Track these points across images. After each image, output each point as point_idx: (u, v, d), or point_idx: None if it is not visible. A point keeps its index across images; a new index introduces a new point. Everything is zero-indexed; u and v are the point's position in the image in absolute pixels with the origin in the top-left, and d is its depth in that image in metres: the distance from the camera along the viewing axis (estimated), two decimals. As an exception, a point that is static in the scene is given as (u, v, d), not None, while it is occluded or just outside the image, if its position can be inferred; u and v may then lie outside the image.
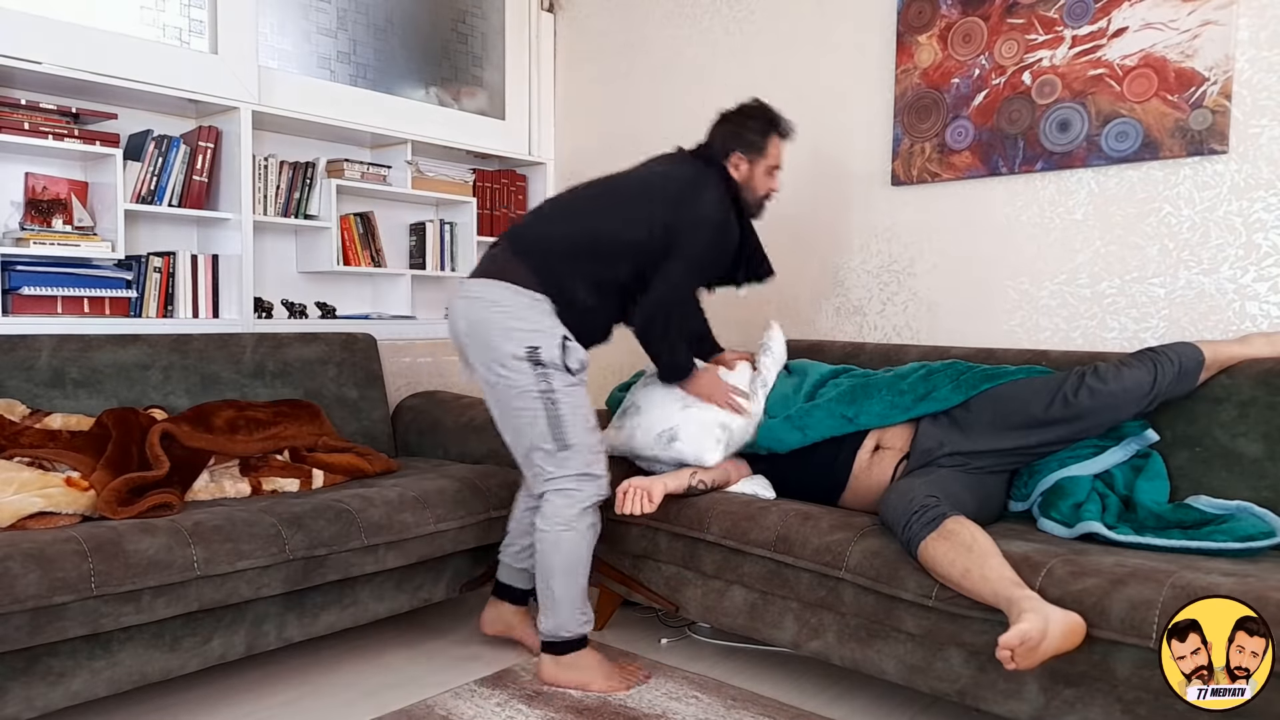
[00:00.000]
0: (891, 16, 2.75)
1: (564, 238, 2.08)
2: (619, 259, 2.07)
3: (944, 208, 2.68)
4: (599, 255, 2.06)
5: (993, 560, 1.62)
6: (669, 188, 2.13)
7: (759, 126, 2.23)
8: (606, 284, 2.08)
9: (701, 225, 2.10)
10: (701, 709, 1.96)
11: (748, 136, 2.22)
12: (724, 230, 2.15)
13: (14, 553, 1.57)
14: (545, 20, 3.77)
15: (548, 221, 2.13)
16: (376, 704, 2.00)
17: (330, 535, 1.99)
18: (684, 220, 2.08)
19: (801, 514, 2.01)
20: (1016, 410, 2.01)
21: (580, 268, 2.05)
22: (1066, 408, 1.95)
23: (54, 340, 2.28)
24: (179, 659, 1.82)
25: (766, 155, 2.24)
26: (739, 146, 2.22)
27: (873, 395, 2.18)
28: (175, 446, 2.11)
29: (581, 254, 2.06)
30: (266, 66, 2.94)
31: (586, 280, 2.05)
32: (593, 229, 2.08)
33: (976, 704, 1.72)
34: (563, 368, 1.98)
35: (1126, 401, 1.94)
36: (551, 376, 1.97)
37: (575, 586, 2.02)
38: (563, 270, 2.04)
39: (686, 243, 2.08)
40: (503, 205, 3.72)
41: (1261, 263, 2.16)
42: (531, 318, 1.99)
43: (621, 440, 2.31)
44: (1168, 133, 2.25)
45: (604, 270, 2.07)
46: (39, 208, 2.50)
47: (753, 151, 2.22)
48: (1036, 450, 2.02)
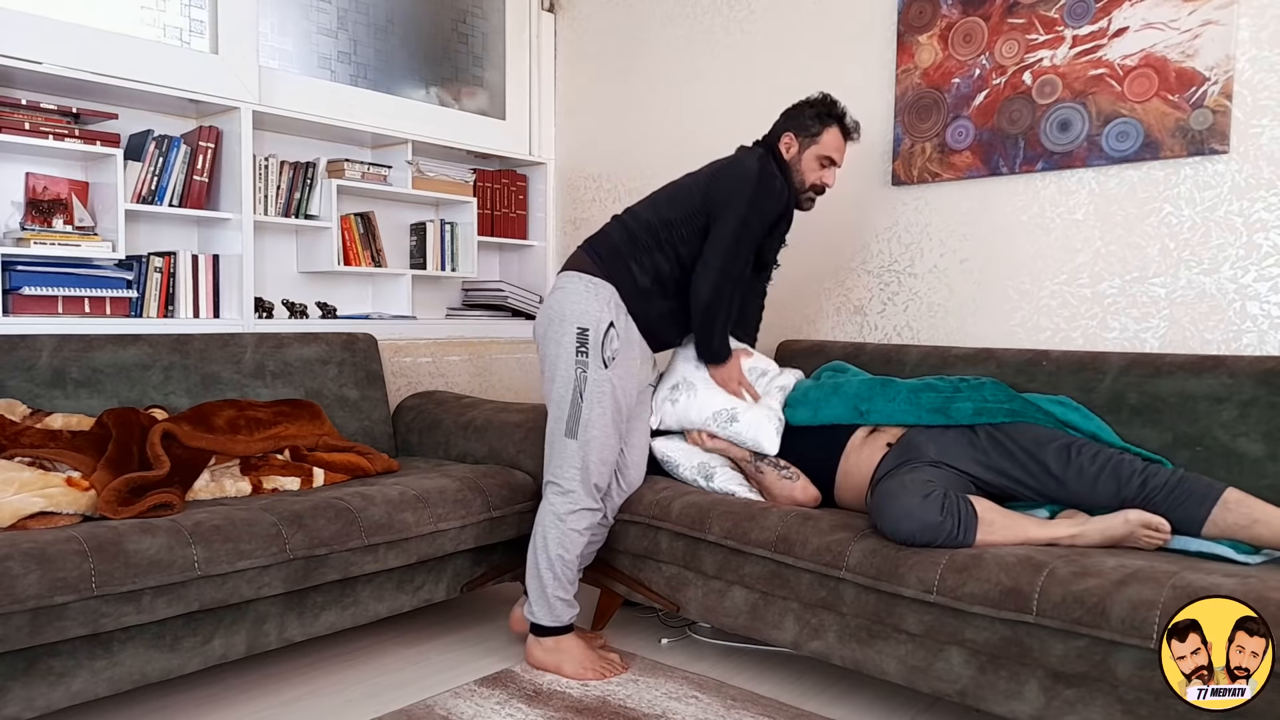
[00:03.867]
0: (892, 16, 2.75)
1: (621, 228, 2.22)
2: (666, 243, 2.16)
3: (945, 208, 2.68)
4: (650, 241, 2.16)
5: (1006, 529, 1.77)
6: (712, 167, 2.25)
7: (817, 113, 2.25)
8: (661, 271, 2.16)
9: (740, 184, 2.14)
10: (701, 709, 1.96)
11: (803, 119, 2.25)
12: (765, 188, 2.15)
13: (14, 552, 1.57)
14: (545, 20, 3.77)
15: (615, 220, 2.26)
16: (376, 704, 2.00)
17: (331, 534, 1.99)
18: (721, 186, 2.17)
19: (802, 514, 2.02)
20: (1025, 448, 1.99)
21: (635, 252, 2.16)
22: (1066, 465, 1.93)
23: (55, 340, 2.28)
24: (179, 659, 1.82)
25: (819, 141, 2.25)
26: (792, 127, 2.26)
27: (892, 397, 2.19)
28: (176, 446, 2.11)
29: (637, 240, 2.17)
30: (267, 66, 2.94)
31: (641, 264, 2.15)
32: (646, 218, 2.21)
33: (977, 704, 1.72)
34: (599, 354, 2.08)
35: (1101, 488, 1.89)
36: (589, 364, 2.08)
37: (562, 579, 2.12)
38: (620, 257, 2.16)
39: (726, 206, 2.13)
40: (503, 205, 3.72)
41: (1262, 263, 2.16)
42: (585, 302, 2.11)
43: (675, 414, 2.34)
44: (1168, 133, 2.25)
45: (656, 256, 2.16)
46: (40, 208, 2.50)
47: (804, 134, 2.24)
48: (1016, 490, 1.99)
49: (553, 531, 2.11)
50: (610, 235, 2.21)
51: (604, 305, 2.11)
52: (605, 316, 2.10)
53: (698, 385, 2.32)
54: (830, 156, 2.27)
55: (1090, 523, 1.78)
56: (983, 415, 2.06)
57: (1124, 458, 1.90)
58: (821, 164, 2.27)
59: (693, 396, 2.31)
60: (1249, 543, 1.72)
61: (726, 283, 2.14)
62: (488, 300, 3.65)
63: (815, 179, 2.28)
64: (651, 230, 2.18)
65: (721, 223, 2.13)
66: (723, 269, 2.12)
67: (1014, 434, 2.01)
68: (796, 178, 2.26)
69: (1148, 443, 2.06)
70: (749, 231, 2.15)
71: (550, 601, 2.12)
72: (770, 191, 2.16)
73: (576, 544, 2.12)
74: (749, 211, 2.13)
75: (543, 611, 2.13)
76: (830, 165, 2.28)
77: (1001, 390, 2.12)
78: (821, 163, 2.26)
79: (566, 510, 2.10)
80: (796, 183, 2.27)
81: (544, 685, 2.07)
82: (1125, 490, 1.84)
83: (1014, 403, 2.07)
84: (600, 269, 2.14)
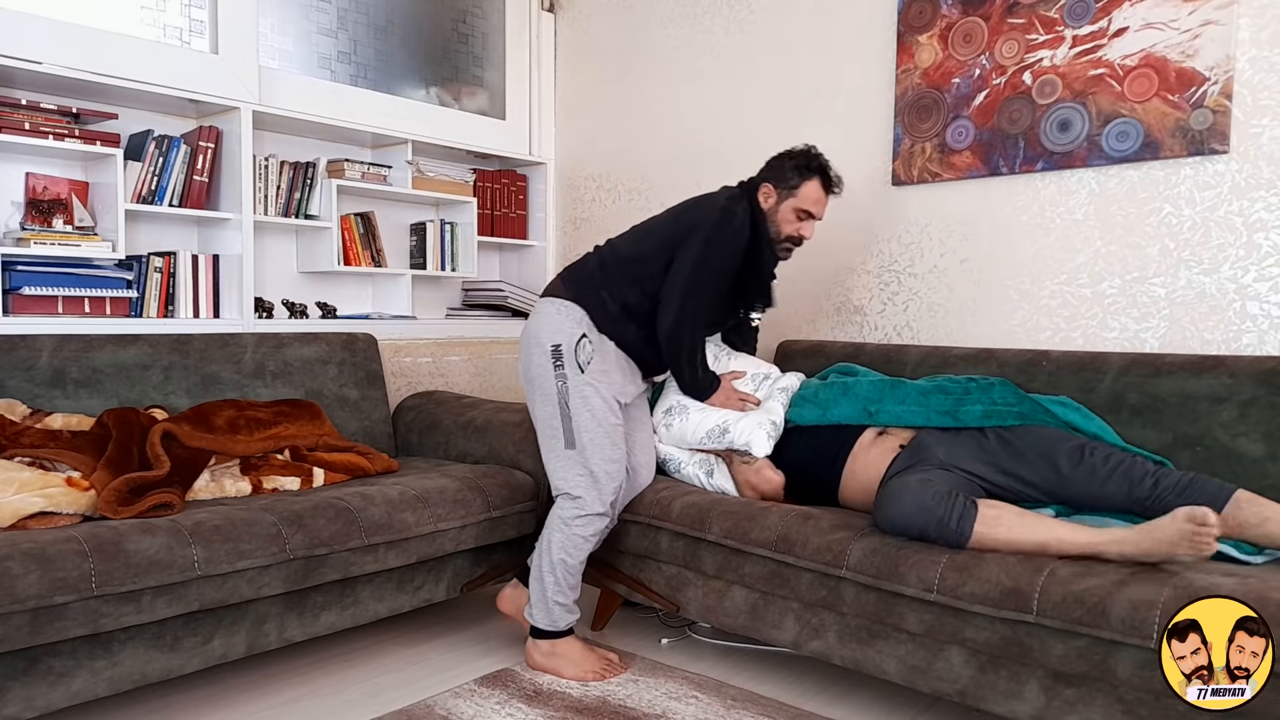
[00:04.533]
0: (892, 16, 2.75)
1: (598, 258, 2.26)
2: (637, 278, 2.18)
3: (945, 208, 2.68)
4: (622, 275, 2.19)
5: (1045, 522, 1.70)
6: (683, 204, 2.27)
7: (796, 165, 2.26)
8: (630, 302, 2.18)
9: (699, 225, 2.17)
10: (701, 709, 1.96)
11: (783, 170, 2.26)
12: (723, 226, 2.15)
13: (14, 552, 1.57)
14: (545, 20, 3.77)
15: (594, 250, 2.30)
16: (376, 704, 2.00)
17: (330, 534, 1.99)
18: (684, 222, 2.20)
19: (802, 514, 2.02)
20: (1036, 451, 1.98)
21: (607, 283, 2.19)
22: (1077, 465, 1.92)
23: (55, 340, 2.28)
24: (179, 659, 1.82)
25: (797, 194, 2.25)
26: (771, 178, 2.27)
27: (902, 399, 2.19)
28: (176, 446, 2.11)
29: (610, 273, 2.20)
30: (267, 66, 2.94)
31: (611, 294, 2.18)
32: (622, 252, 2.24)
33: (977, 704, 1.72)
34: (575, 361, 2.10)
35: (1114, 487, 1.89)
36: (567, 375, 2.10)
37: (564, 584, 2.12)
38: (593, 284, 2.19)
39: (686, 246, 2.15)
40: (503, 205, 3.72)
41: (1262, 262, 2.16)
42: (558, 321, 2.14)
43: (672, 438, 2.36)
44: (1168, 133, 2.25)
45: (627, 289, 2.18)
46: (40, 208, 2.50)
47: (782, 186, 2.25)
48: (1026, 492, 1.98)
49: (558, 535, 2.11)
50: (586, 264, 2.25)
51: (575, 322, 2.14)
52: (577, 330, 2.13)
53: (690, 408, 2.33)
54: (808, 210, 2.27)
55: (1132, 530, 1.64)
56: (992, 418, 2.06)
57: (1135, 459, 1.90)
58: (799, 216, 2.27)
59: (685, 419, 2.32)
60: (1257, 542, 1.72)
61: (688, 319, 2.16)
62: (488, 300, 3.65)
63: (792, 230, 2.28)
64: (624, 264, 2.20)
65: (680, 259, 2.14)
66: (682, 306, 2.13)
67: (1024, 436, 2.01)
68: (773, 228, 2.27)
69: (1148, 443, 2.06)
70: (708, 269, 2.15)
71: (550, 606, 2.12)
72: (727, 229, 2.16)
73: (581, 550, 2.12)
74: (705, 250, 2.14)
75: (541, 615, 2.13)
76: (808, 218, 2.28)
77: (1010, 392, 2.12)
78: (799, 215, 2.26)
79: (573, 515, 2.10)
80: (773, 233, 2.27)
81: (544, 685, 2.07)
82: (1137, 490, 1.84)
83: (1023, 405, 2.07)
84: (571, 293, 2.18)
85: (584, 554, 2.13)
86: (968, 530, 1.72)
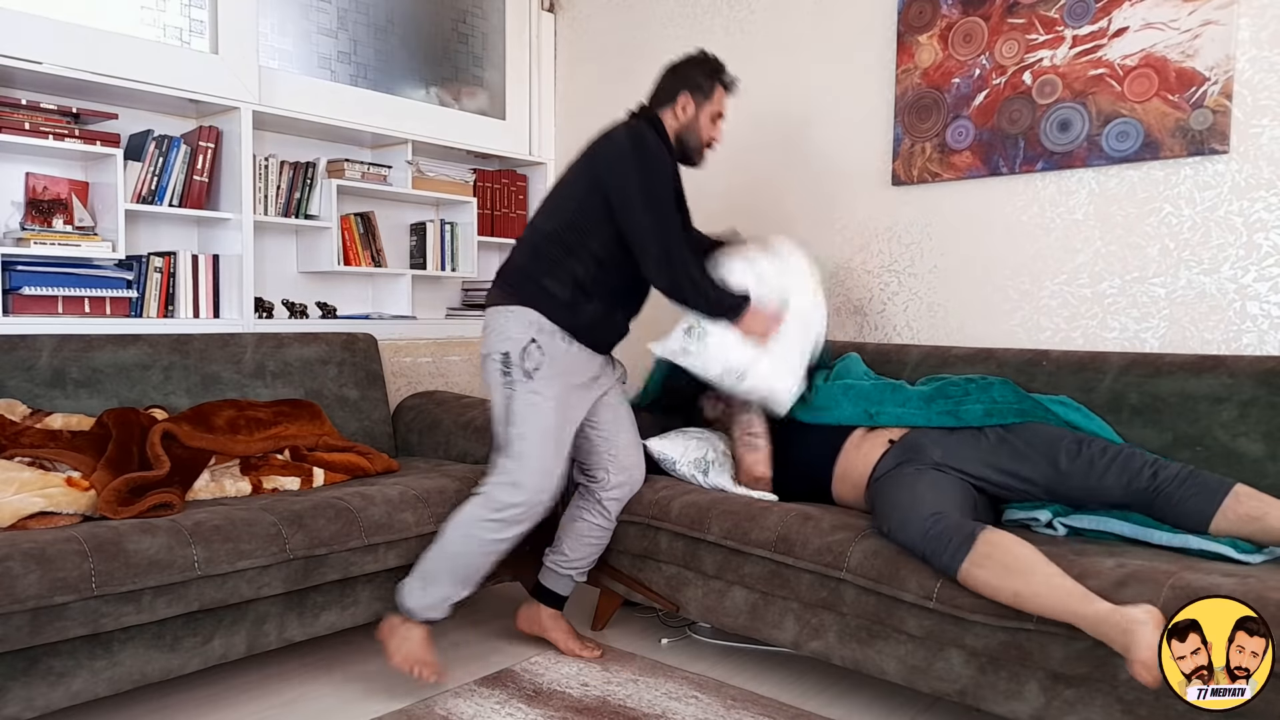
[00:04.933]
0: (892, 16, 2.75)
1: (525, 247, 2.16)
2: (575, 245, 2.08)
3: (944, 208, 2.68)
4: (557, 251, 2.09)
5: (1037, 576, 1.55)
6: (585, 153, 2.17)
7: (707, 71, 2.25)
8: (578, 275, 2.08)
9: (618, 159, 2.06)
10: (701, 709, 1.96)
11: (696, 78, 2.24)
12: (641, 147, 2.07)
13: (14, 553, 1.57)
14: (545, 20, 3.77)
15: (519, 240, 2.20)
16: (376, 704, 2.00)
17: (331, 534, 1.99)
18: (599, 169, 2.09)
19: (802, 514, 2.02)
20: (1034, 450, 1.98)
21: (545, 267, 2.09)
22: (1075, 458, 1.91)
23: (54, 340, 2.28)
24: (179, 659, 1.82)
25: (712, 100, 2.25)
26: (687, 87, 2.24)
27: (903, 402, 2.20)
28: (176, 446, 2.11)
29: (543, 255, 2.10)
30: (267, 66, 2.94)
31: (555, 277, 2.08)
32: (546, 228, 2.13)
33: (977, 704, 1.72)
34: (521, 368, 2.04)
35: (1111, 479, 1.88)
36: (514, 382, 2.05)
37: (447, 580, 2.03)
38: (530, 278, 2.10)
39: (619, 186, 2.04)
40: (503, 205, 3.72)
41: (1262, 263, 2.16)
42: (506, 328, 2.08)
43: (690, 363, 2.23)
44: (1168, 133, 2.25)
45: (568, 262, 2.08)
46: (40, 208, 2.50)
47: (699, 94, 2.24)
48: (1024, 489, 1.98)
49: (454, 535, 2.03)
50: (515, 259, 2.15)
51: (523, 326, 2.05)
52: (524, 336, 2.05)
53: (709, 331, 2.17)
54: (721, 111, 2.28)
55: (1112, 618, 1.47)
56: (993, 416, 2.06)
57: (1135, 451, 1.90)
58: (714, 120, 2.27)
59: (704, 345, 2.17)
60: (1255, 536, 1.71)
61: (671, 247, 2.05)
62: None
63: (712, 134, 2.27)
64: (554, 238, 2.09)
65: (621, 201, 2.04)
66: (660, 244, 2.03)
67: (1022, 433, 2.01)
68: (694, 139, 2.24)
69: (1148, 443, 2.06)
70: (656, 196, 2.05)
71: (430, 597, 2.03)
72: (648, 149, 2.08)
73: (476, 550, 2.03)
74: (642, 176, 2.04)
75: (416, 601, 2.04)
76: (719, 119, 2.28)
77: (1011, 390, 2.12)
78: (714, 119, 2.27)
79: (477, 515, 2.03)
80: (694, 145, 2.25)
81: (544, 685, 2.07)
82: (1136, 481, 1.84)
83: (1024, 403, 2.07)
84: (515, 297, 2.09)
85: (484, 558, 2.03)
86: (956, 565, 1.66)
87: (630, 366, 2.74)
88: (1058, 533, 1.90)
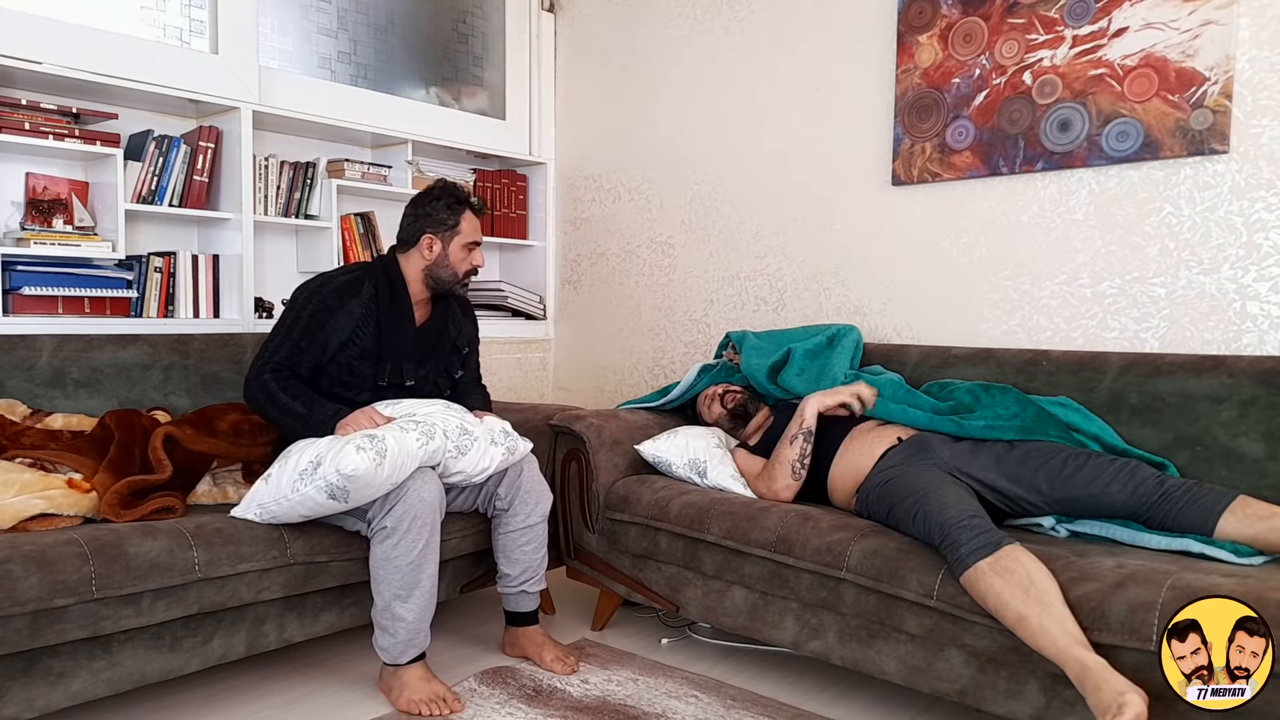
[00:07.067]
0: (892, 16, 2.75)
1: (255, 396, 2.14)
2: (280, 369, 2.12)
3: (944, 208, 2.68)
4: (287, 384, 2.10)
5: (1052, 610, 1.52)
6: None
7: (448, 204, 2.24)
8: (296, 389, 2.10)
9: (301, 291, 2.19)
10: (701, 709, 1.96)
11: (438, 216, 2.23)
12: (309, 294, 2.15)
13: (15, 555, 1.57)
14: (545, 20, 3.77)
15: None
16: (376, 704, 2.00)
17: (332, 541, 1.99)
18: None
19: (802, 514, 2.02)
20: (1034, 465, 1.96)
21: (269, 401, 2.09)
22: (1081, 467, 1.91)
23: (55, 340, 2.28)
24: (179, 659, 1.82)
25: (461, 231, 2.24)
26: (429, 227, 2.23)
27: (915, 405, 2.21)
28: (178, 450, 2.10)
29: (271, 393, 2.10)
30: (267, 66, 2.94)
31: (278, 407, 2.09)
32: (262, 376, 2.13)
33: (977, 704, 1.72)
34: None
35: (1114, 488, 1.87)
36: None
37: (393, 608, 1.95)
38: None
39: (286, 308, 2.19)
40: (503, 205, 3.72)
41: (1262, 263, 2.16)
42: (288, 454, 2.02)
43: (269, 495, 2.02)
44: (1168, 133, 2.25)
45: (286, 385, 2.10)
46: (40, 208, 2.50)
47: (443, 230, 2.23)
48: (1028, 498, 1.96)
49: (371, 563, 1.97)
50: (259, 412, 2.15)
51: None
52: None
53: (289, 453, 2.01)
54: (475, 241, 2.27)
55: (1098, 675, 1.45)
56: (994, 431, 2.06)
57: (1140, 464, 1.90)
58: (468, 249, 2.26)
59: (283, 467, 1.95)
60: (1261, 537, 1.69)
61: (254, 386, 2.07)
62: (488, 300, 3.64)
63: (465, 265, 2.27)
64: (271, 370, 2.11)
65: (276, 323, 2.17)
66: (251, 379, 2.09)
67: (1024, 446, 2.01)
68: (447, 273, 2.24)
69: (1148, 443, 2.06)
70: (289, 327, 2.13)
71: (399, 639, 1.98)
72: (315, 296, 2.15)
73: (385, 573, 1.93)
74: (295, 312, 2.15)
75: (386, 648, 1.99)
76: (475, 246, 2.28)
77: (1013, 400, 2.12)
78: (468, 248, 2.26)
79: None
80: (449, 278, 2.25)
81: (544, 684, 2.07)
82: (1142, 487, 1.83)
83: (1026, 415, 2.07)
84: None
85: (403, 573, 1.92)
86: (973, 561, 1.62)
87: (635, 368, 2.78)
88: (1059, 535, 1.90)
